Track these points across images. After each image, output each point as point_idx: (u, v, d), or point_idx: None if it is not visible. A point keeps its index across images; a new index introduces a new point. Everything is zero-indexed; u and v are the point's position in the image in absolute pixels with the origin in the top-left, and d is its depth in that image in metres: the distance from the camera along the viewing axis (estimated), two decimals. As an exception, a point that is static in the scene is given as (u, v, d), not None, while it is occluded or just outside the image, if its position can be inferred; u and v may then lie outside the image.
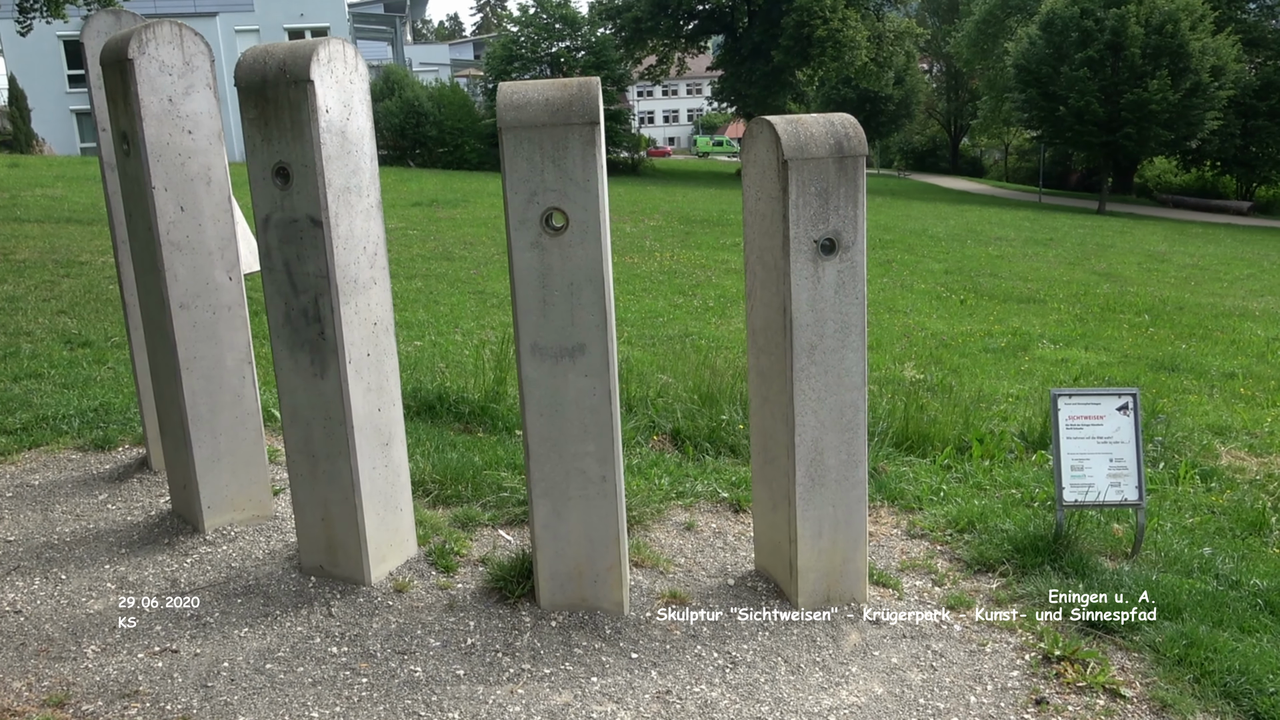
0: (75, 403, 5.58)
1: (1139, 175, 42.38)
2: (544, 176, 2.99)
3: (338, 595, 3.44)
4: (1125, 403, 3.90)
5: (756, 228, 3.36)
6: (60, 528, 4.05)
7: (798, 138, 3.15)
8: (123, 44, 3.50)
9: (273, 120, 3.14)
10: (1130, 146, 34.06)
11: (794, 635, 3.31)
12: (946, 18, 58.36)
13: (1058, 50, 34.11)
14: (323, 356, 3.29)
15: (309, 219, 3.17)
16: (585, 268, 3.04)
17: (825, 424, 3.34)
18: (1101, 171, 36.81)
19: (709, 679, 3.04)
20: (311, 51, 3.07)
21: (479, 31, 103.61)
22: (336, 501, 3.42)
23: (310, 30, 38.56)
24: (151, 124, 3.54)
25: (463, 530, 3.99)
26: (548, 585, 3.33)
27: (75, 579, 3.60)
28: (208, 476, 3.86)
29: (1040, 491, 4.58)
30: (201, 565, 3.68)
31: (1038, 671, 3.12)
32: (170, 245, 3.64)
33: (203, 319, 3.76)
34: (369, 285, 3.37)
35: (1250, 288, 14.61)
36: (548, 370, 3.14)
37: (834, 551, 3.44)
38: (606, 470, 3.20)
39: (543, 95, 2.99)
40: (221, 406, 3.85)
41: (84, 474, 4.64)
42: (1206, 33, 32.76)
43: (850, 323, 3.29)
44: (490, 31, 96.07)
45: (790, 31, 34.86)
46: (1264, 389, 7.50)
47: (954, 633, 3.36)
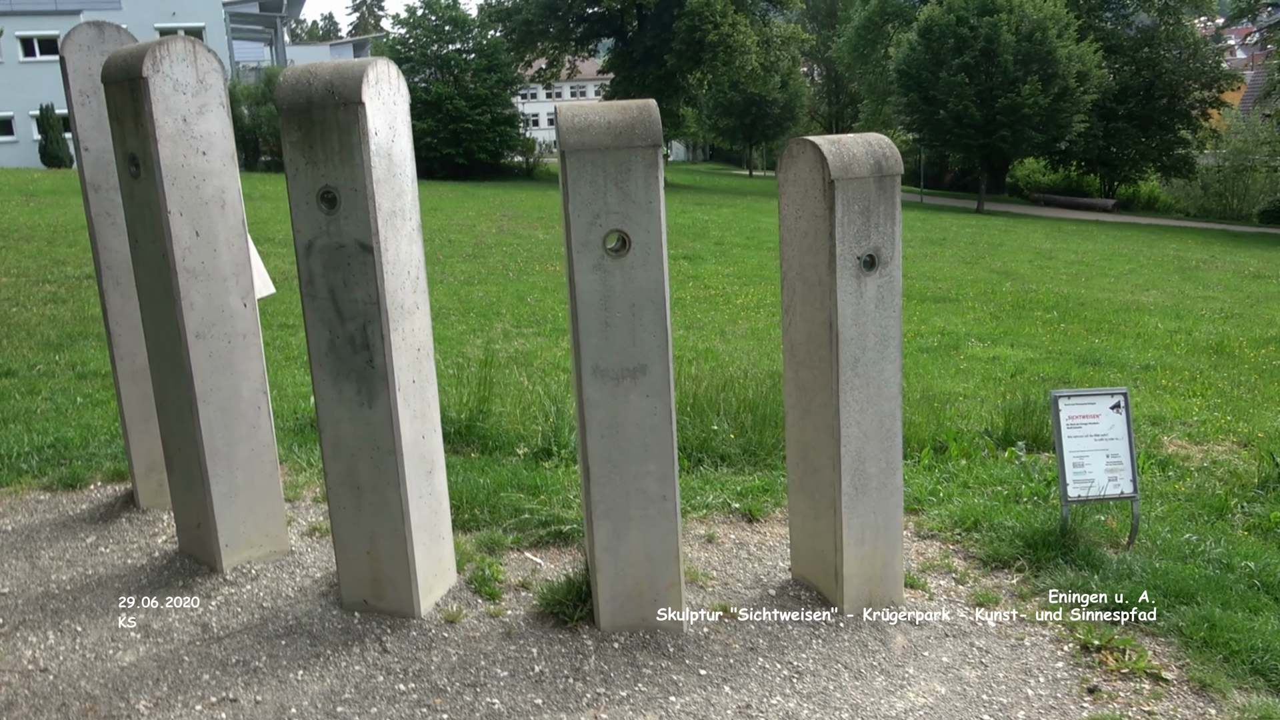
0: (26, 439, 5.24)
1: (1010, 175, 44.52)
2: (607, 199, 3.00)
3: (388, 630, 3.35)
4: (1117, 401, 4.14)
5: (796, 245, 3.44)
6: (55, 575, 3.81)
7: (841, 158, 3.24)
8: (135, 61, 3.33)
9: (319, 143, 3.04)
10: (1005, 148, 35.78)
11: (846, 641, 3.39)
12: (825, 23, 60.10)
13: (936, 56, 35.55)
14: (371, 385, 3.20)
15: (358, 244, 3.09)
16: (647, 289, 3.06)
17: (867, 434, 3.44)
18: (977, 172, 38.53)
19: (781, 690, 3.10)
20: (361, 73, 2.99)
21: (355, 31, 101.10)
22: (384, 534, 3.33)
23: (184, 30, 36.93)
24: (166, 145, 3.38)
25: (490, 555, 3.94)
26: (608, 607, 3.32)
27: (93, 630, 3.40)
28: (225, 513, 3.70)
29: (1026, 488, 4.81)
30: (230, 607, 3.53)
31: (1080, 661, 3.29)
32: (186, 272, 3.48)
33: (219, 348, 3.60)
34: (413, 310, 3.30)
35: (1135, 282, 15.58)
36: (609, 391, 3.14)
37: (875, 557, 3.55)
38: (667, 489, 3.23)
39: (604, 118, 3.00)
40: (238, 439, 3.70)
41: (60, 516, 4.37)
42: (1071, 40, 34.70)
43: (889, 335, 3.40)
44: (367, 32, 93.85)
45: (682, 36, 35.29)
46: (1181, 379, 8.03)
47: (990, 629, 3.51)
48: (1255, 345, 9.69)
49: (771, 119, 53.23)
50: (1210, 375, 8.26)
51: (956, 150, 37.93)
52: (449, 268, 13.71)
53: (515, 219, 20.46)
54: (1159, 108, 40.54)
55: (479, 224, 19.18)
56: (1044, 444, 5.73)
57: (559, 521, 4.15)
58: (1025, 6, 34.58)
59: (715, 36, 34.83)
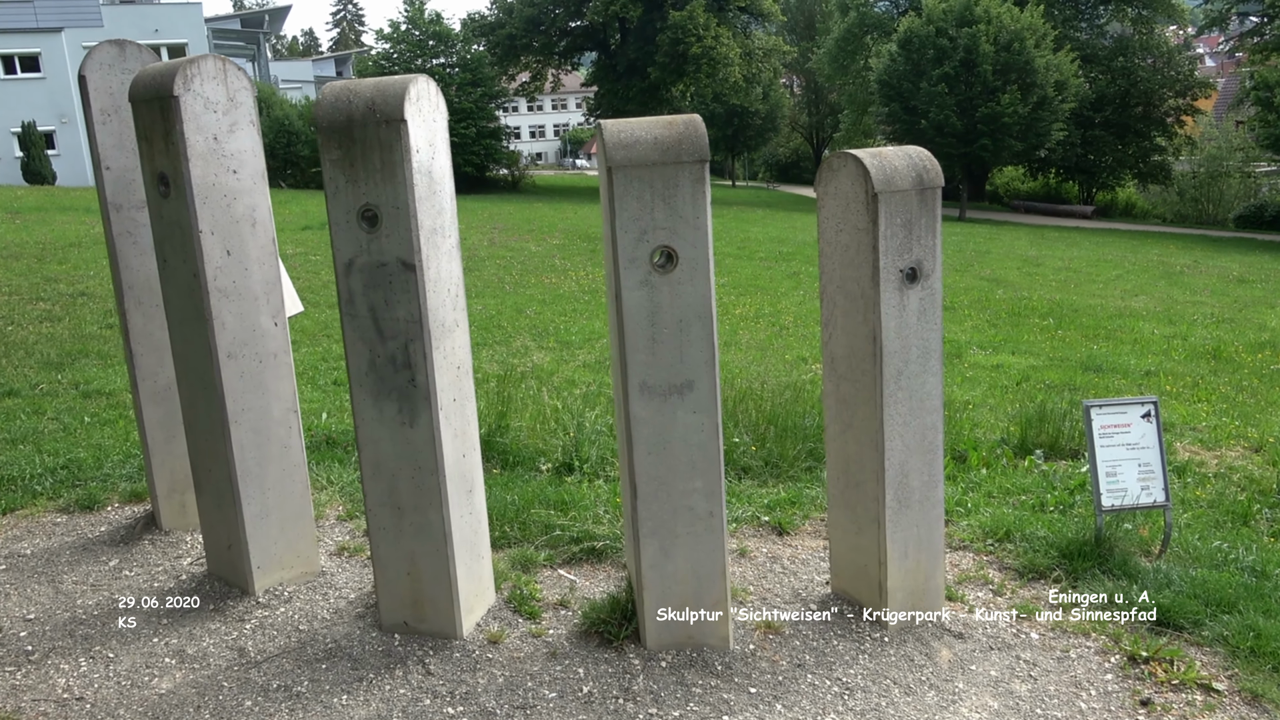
0: (38, 460, 5.15)
1: (990, 183, 44.88)
2: (654, 215, 2.97)
3: (430, 652, 3.30)
4: (1148, 410, 4.14)
5: (837, 258, 3.42)
6: (80, 600, 3.73)
7: (884, 171, 3.23)
8: (165, 80, 3.28)
9: (359, 161, 3.00)
10: (986, 157, 36.08)
11: (892, 656, 3.37)
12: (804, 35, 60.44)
13: (916, 67, 35.85)
14: (413, 404, 3.16)
15: (400, 262, 3.05)
16: (695, 304, 3.03)
17: (910, 447, 3.43)
18: (958, 180, 38.84)
19: (834, 708, 3.07)
20: (403, 90, 2.96)
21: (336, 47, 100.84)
22: (426, 554, 3.28)
23: (167, 48, 36.68)
24: (197, 164, 3.33)
25: (525, 573, 3.89)
26: (654, 626, 3.28)
27: (126, 656, 3.33)
28: (257, 534, 3.64)
29: (1051, 498, 4.81)
30: (265, 631, 3.46)
31: (1129, 673, 3.28)
32: (217, 292, 3.43)
33: (250, 368, 3.55)
34: (453, 328, 3.26)
35: (1123, 288, 15.69)
36: (656, 408, 3.11)
37: (918, 571, 3.53)
38: (714, 505, 3.20)
39: (650, 134, 2.98)
40: (269, 459, 3.64)
41: (79, 539, 4.29)
42: (1048, 50, 35.08)
43: (930, 348, 3.39)
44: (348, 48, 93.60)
45: (666, 49, 35.42)
46: (1184, 385, 8.08)
47: (1034, 641, 3.50)
48: (1251, 350, 9.77)
49: (753, 130, 53.45)
50: (1211, 380, 8.31)
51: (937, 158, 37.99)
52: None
53: (506, 231, 20.41)
54: (1135, 115, 41.03)
55: (470, 237, 19.10)
56: (1061, 452, 5.74)
57: (591, 538, 4.10)
58: (1003, 17, 34.94)
59: (699, 49, 34.98)
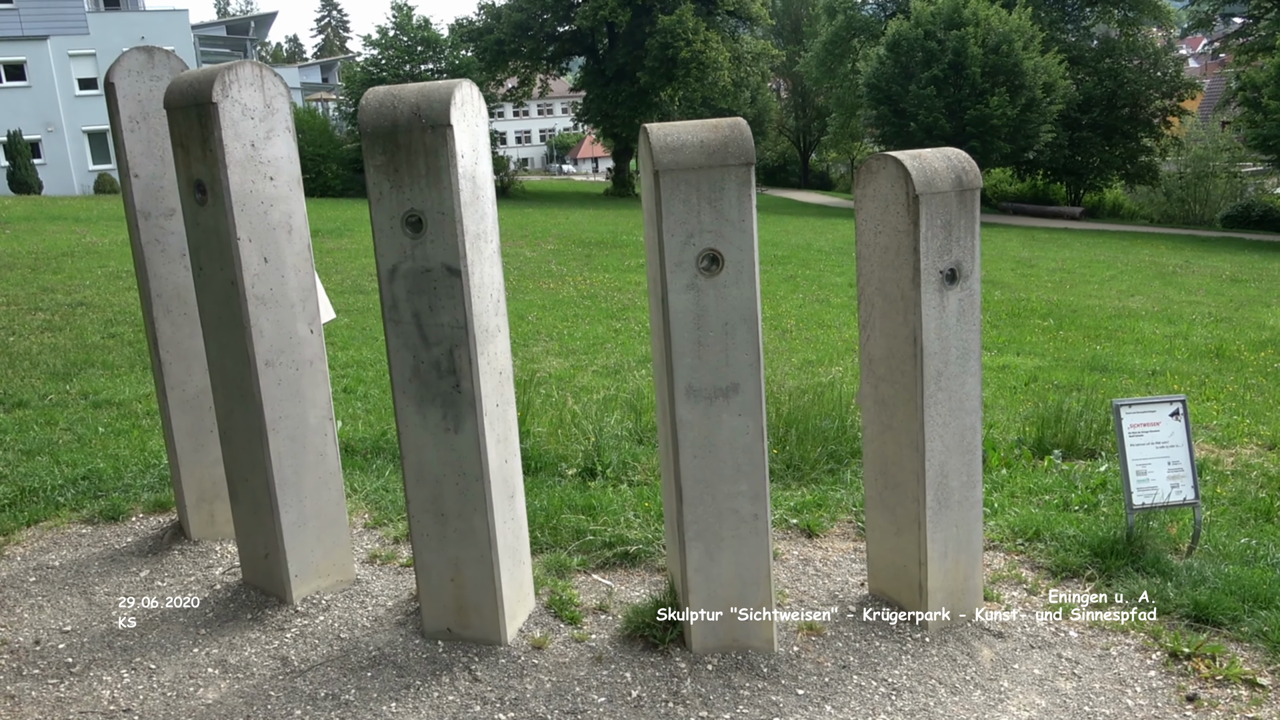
0: (57, 471, 5.11)
1: (978, 185, 45.06)
2: (700, 218, 2.98)
3: (475, 658, 3.29)
4: (1176, 409, 4.17)
5: (875, 260, 3.43)
6: (115, 612, 3.70)
7: (924, 173, 3.25)
8: (204, 86, 3.27)
9: (404, 167, 3.00)
10: (975, 159, 36.11)
11: (934, 656, 3.38)
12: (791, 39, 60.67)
13: (905, 70, 36.03)
14: (458, 410, 3.15)
15: (445, 268, 3.04)
16: (740, 307, 3.04)
17: (950, 448, 3.44)
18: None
19: (883, 708, 3.07)
20: (449, 95, 2.96)
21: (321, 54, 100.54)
22: (470, 560, 3.28)
23: (152, 55, 36.47)
24: (235, 171, 3.32)
25: (560, 578, 3.88)
26: (700, 629, 3.28)
27: (167, 667, 3.31)
28: (294, 543, 3.62)
29: (1075, 497, 4.84)
30: (306, 639, 3.45)
31: (1171, 669, 3.30)
32: (255, 299, 3.42)
33: (287, 376, 3.53)
34: (495, 333, 3.25)
35: (1119, 288, 15.79)
36: (701, 411, 3.11)
37: (957, 571, 3.55)
38: (758, 508, 3.20)
39: (696, 137, 2.98)
40: (306, 467, 3.63)
41: (106, 550, 4.26)
42: (1036, 52, 35.31)
43: (969, 349, 3.41)
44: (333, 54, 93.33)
45: (655, 53, 35.48)
46: (1191, 384, 8.13)
47: (1073, 639, 3.51)
48: (1253, 349, 9.85)
49: (741, 134, 53.53)
50: (1217, 379, 8.37)
51: (927, 162, 38.28)
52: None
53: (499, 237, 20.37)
54: (1122, 117, 41.31)
55: (464, 243, 19.06)
56: (1078, 451, 5.77)
57: (624, 542, 4.10)
58: (991, 20, 35.17)
59: (688, 53, 35.06)
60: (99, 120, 36.36)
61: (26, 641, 3.48)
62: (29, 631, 3.56)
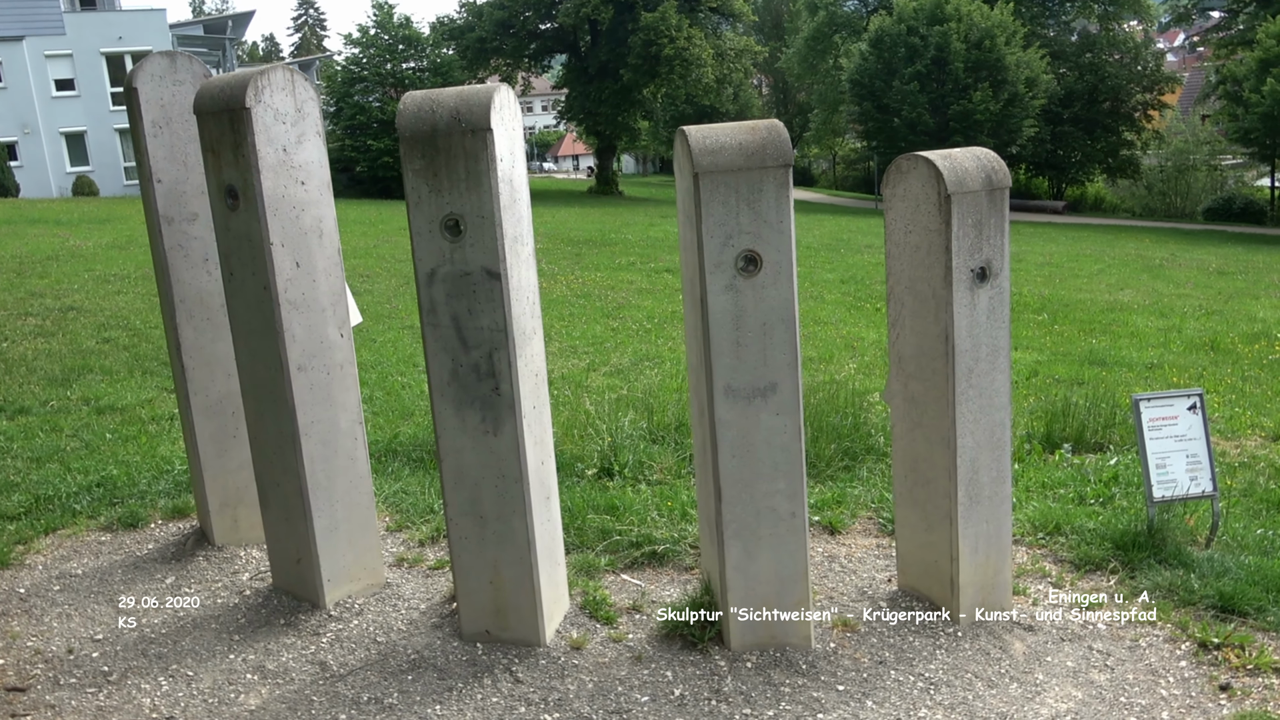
0: (69, 478, 5.07)
1: (961, 180, 45.36)
2: (739, 220, 2.99)
3: (516, 660, 3.30)
4: (1193, 402, 4.23)
5: (906, 259, 3.46)
6: (145, 619, 3.69)
7: (956, 172, 3.28)
8: (236, 92, 3.26)
9: (443, 171, 3.00)
10: (958, 154, 36.47)
11: (968, 650, 3.41)
12: (773, 35, 60.84)
13: (888, 66, 36.17)
14: (497, 413, 3.16)
15: (484, 271, 3.05)
16: (778, 307, 3.06)
17: (980, 443, 3.48)
18: (931, 178, 39.19)
19: (923, 703, 3.11)
20: (489, 99, 2.96)
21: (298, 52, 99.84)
22: (509, 562, 3.28)
23: (130, 54, 36.14)
24: (268, 176, 3.31)
25: (589, 579, 3.90)
26: (738, 627, 3.31)
27: (205, 674, 3.30)
28: (327, 548, 3.61)
29: (1090, 490, 4.89)
30: (343, 643, 3.44)
31: (1202, 659, 3.35)
32: (288, 304, 3.41)
33: (319, 380, 3.53)
34: (532, 336, 3.26)
35: (1108, 281, 15.94)
36: (740, 411, 3.13)
37: (987, 565, 3.58)
38: (796, 506, 3.22)
39: (735, 139, 3.00)
40: (337, 472, 3.62)
41: (128, 557, 4.24)
42: (1018, 47, 35.54)
43: (999, 346, 3.44)
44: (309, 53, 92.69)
45: (638, 50, 35.46)
46: (1189, 377, 8.22)
47: (1101, 631, 3.56)
48: (1246, 341, 9.96)
49: (724, 130, 53.61)
50: (1216, 372, 8.47)
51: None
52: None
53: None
54: (1103, 111, 41.63)
55: (453, 243, 19.00)
56: (1086, 445, 5.82)
57: (650, 542, 4.12)
58: (973, 15, 35.37)
59: (671, 50, 35.05)
60: (76, 122, 36.00)
61: (60, 650, 3.46)
62: (60, 640, 3.54)
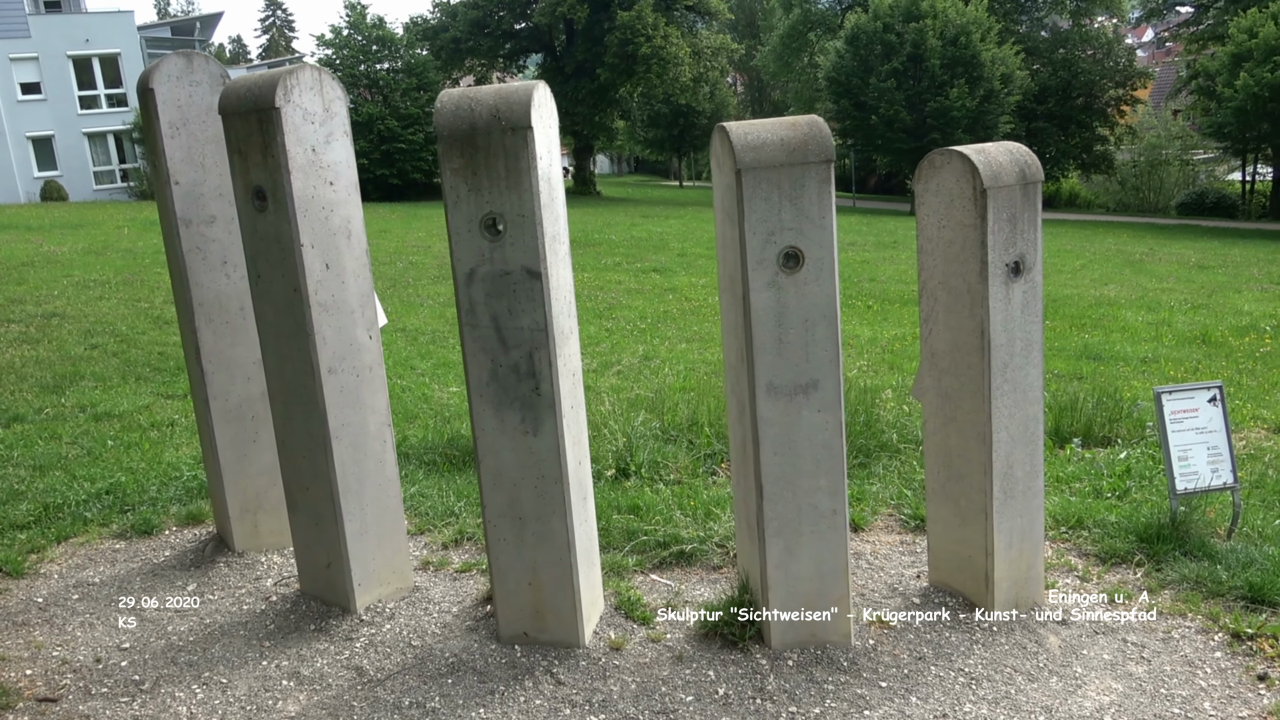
0: (76, 486, 4.98)
1: (937, 177, 45.68)
2: (781, 216, 2.98)
3: (555, 661, 3.27)
4: (1214, 395, 4.26)
5: (939, 254, 3.46)
6: (171, 628, 3.63)
7: (991, 167, 3.28)
8: (265, 91, 3.21)
9: (483, 170, 2.97)
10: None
11: (1005, 644, 3.42)
12: (746, 33, 60.96)
13: (864, 63, 36.33)
14: (536, 413, 3.13)
15: (524, 271, 3.02)
16: (820, 304, 3.05)
17: (1015, 438, 3.48)
18: (905, 174, 39.42)
19: (967, 698, 3.11)
20: (529, 96, 2.93)
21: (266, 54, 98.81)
22: (548, 563, 3.25)
23: (99, 58, 35.64)
24: (297, 177, 3.26)
25: (619, 579, 3.87)
26: (779, 625, 3.29)
27: (240, 681, 3.25)
28: (357, 552, 3.57)
29: (1106, 484, 4.92)
30: (377, 648, 3.40)
31: (1236, 650, 3.37)
32: (318, 306, 3.36)
33: (349, 383, 3.48)
34: (569, 335, 3.24)
35: (1091, 277, 16.09)
36: (782, 408, 3.12)
37: (1021, 560, 3.59)
38: (837, 504, 3.22)
39: (776, 135, 2.99)
40: (367, 475, 3.58)
41: (146, 565, 4.17)
42: (993, 44, 35.81)
43: (1032, 340, 3.45)
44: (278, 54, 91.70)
45: (615, 49, 35.40)
46: (1186, 370, 8.32)
47: (1134, 624, 3.58)
48: (1237, 334, 10.09)
49: (699, 129, 53.73)
50: (1210, 365, 8.57)
51: (887, 154, 38.77)
52: (420, 290, 13.46)
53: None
54: (1076, 106, 42.06)
55: (434, 244, 18.88)
56: (1094, 439, 5.86)
57: (677, 541, 4.10)
58: (949, 11, 35.59)
59: (648, 49, 35.03)
60: (43, 126, 35.42)
61: (87, 660, 3.40)
62: (86, 650, 3.47)
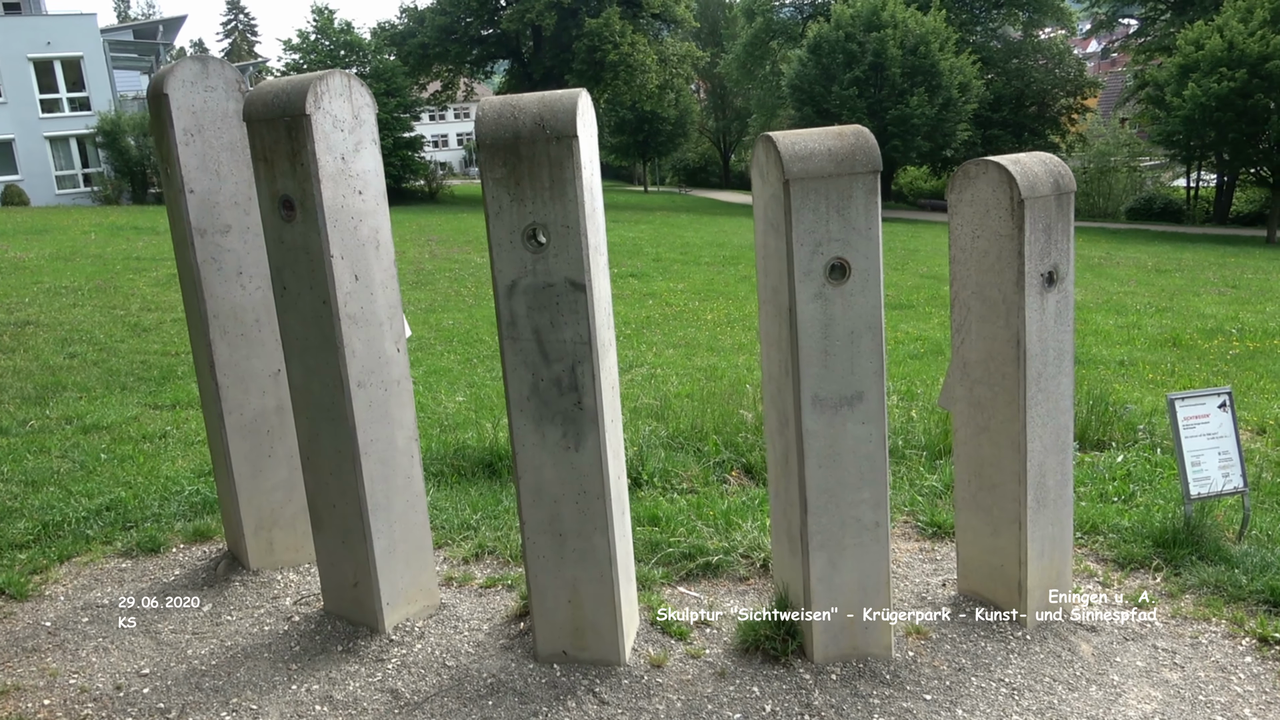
0: (75, 503, 4.83)
1: (894, 183, 46.29)
2: (829, 227, 2.97)
3: (597, 680, 3.22)
4: (1223, 400, 4.33)
5: (973, 264, 3.47)
6: (191, 651, 3.52)
7: (1027, 178, 3.30)
8: (295, 97, 3.13)
9: (526, 179, 2.92)
10: (896, 157, 37.20)
11: (1039, 653, 3.43)
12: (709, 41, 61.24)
13: (827, 71, 36.67)
14: (579, 428, 3.08)
15: (568, 282, 2.97)
16: (866, 315, 3.04)
17: (1048, 447, 3.50)
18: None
19: (1011, 709, 3.11)
20: (573, 104, 2.89)
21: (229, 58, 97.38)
22: (589, 580, 3.20)
23: (60, 60, 34.82)
24: (327, 186, 3.18)
25: (648, 592, 3.83)
26: (822, 639, 3.27)
27: (270, 707, 3.15)
28: (386, 570, 3.49)
29: (1111, 489, 4.98)
30: (410, 669, 3.32)
31: (1265, 654, 3.41)
32: (347, 319, 3.28)
33: (377, 397, 3.40)
34: (609, 347, 3.19)
35: (1058, 282, 16.33)
36: (826, 420, 3.10)
37: (1051, 568, 3.61)
38: (880, 516, 3.20)
39: (824, 145, 2.97)
40: (395, 491, 3.50)
41: (156, 584, 4.04)
42: (951, 53, 36.34)
43: (1065, 350, 3.47)
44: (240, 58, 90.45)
45: (583, 56, 35.38)
46: (1161, 373, 8.46)
47: (1161, 629, 3.61)
48: (1205, 336, 10.30)
49: (664, 135, 53.84)
50: (1185, 368, 8.72)
51: (850, 161, 39.00)
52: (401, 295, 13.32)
53: (442, 243, 20.07)
54: (1030, 115, 42.86)
55: (408, 250, 18.72)
56: (1089, 444, 5.93)
57: (702, 553, 4.07)
58: (908, 22, 36.06)
59: (616, 56, 35.06)
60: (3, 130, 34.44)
61: (106, 687, 3.28)
62: (104, 676, 3.35)
